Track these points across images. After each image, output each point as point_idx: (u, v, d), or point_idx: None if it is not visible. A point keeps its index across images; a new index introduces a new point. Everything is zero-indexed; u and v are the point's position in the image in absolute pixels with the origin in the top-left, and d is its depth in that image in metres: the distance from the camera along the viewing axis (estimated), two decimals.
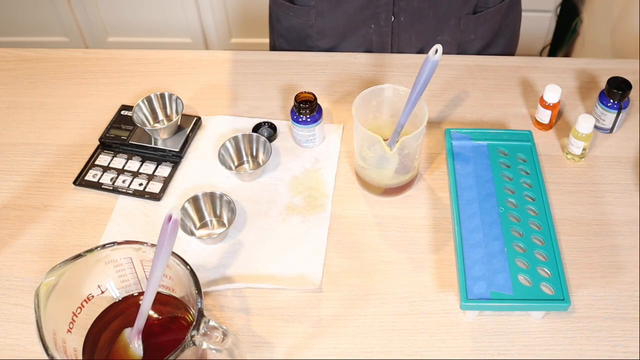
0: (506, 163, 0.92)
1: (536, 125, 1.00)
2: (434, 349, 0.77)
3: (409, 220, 0.89)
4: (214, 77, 1.11)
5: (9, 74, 1.13)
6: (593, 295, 0.81)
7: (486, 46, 1.15)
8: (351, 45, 1.14)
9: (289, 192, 0.93)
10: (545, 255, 0.81)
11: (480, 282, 0.78)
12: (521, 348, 0.76)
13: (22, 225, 0.90)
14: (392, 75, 1.10)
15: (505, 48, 1.19)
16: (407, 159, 0.87)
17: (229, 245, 0.87)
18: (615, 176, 0.94)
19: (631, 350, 0.76)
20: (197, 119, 1.02)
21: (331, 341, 0.78)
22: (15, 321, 0.81)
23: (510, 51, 1.22)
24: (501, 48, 1.18)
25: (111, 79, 1.11)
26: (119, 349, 0.71)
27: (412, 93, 0.81)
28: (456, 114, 1.03)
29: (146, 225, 0.89)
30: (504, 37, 1.16)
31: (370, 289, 0.82)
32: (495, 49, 1.17)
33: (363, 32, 1.12)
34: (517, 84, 1.07)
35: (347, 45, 1.14)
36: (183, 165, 0.97)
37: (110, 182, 0.94)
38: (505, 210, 0.86)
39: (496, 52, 1.17)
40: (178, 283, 0.73)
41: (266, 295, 0.82)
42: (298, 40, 1.17)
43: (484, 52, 1.16)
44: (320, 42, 1.15)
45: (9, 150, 1.01)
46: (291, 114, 0.95)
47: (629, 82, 0.94)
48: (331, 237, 0.87)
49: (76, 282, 0.71)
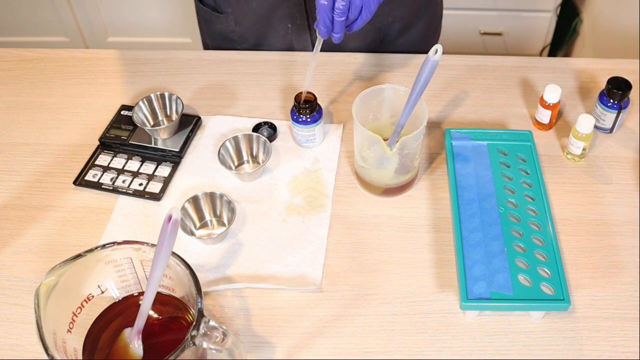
0: (506, 163, 0.92)
1: (536, 125, 1.00)
2: (433, 349, 0.77)
3: (409, 220, 0.89)
4: (214, 77, 1.11)
5: (9, 74, 1.13)
6: (593, 295, 0.81)
7: (407, 27, 1.15)
8: (273, 47, 1.16)
9: (289, 192, 0.93)
10: (545, 255, 0.81)
11: (480, 282, 0.78)
12: (521, 348, 0.76)
13: (22, 225, 0.90)
14: (392, 75, 1.10)
15: (426, 28, 1.18)
16: (407, 159, 0.87)
17: (229, 245, 0.87)
18: (615, 176, 0.94)
19: (631, 350, 0.76)
20: (197, 119, 1.02)
21: (331, 341, 0.78)
22: (15, 321, 0.81)
23: (433, 31, 1.22)
24: (422, 28, 1.17)
25: (111, 79, 1.11)
26: (119, 349, 0.71)
27: (412, 93, 0.81)
28: (456, 114, 1.03)
29: (146, 225, 0.89)
30: (424, 17, 1.16)
31: (370, 289, 0.82)
32: (417, 30, 1.17)
33: (282, 32, 1.13)
34: (517, 84, 1.07)
35: (268, 47, 1.16)
36: (183, 165, 0.97)
37: (110, 182, 0.94)
38: (505, 210, 0.86)
39: (418, 33, 1.17)
40: (178, 283, 0.73)
41: (266, 295, 0.82)
42: (224, 42, 1.19)
43: (405, 33, 1.15)
44: (243, 44, 1.17)
45: (9, 150, 1.01)
46: (291, 114, 0.95)
47: (629, 82, 0.94)
48: (331, 237, 0.87)
49: (76, 282, 0.71)
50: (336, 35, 0.87)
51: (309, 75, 0.91)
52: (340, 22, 0.85)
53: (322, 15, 0.84)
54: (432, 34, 1.23)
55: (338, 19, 0.84)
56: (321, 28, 0.86)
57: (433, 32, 1.23)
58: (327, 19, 0.84)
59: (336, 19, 0.85)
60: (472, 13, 2.10)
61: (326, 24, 0.85)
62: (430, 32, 1.21)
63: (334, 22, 0.85)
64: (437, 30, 1.25)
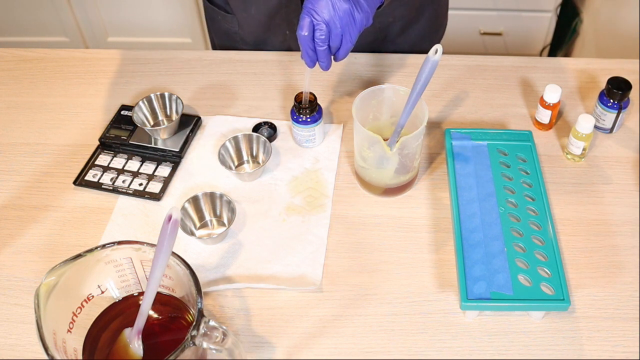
0: (506, 163, 0.92)
1: (536, 125, 1.00)
2: (433, 349, 0.77)
3: (409, 220, 0.89)
4: (214, 77, 1.11)
5: (9, 74, 1.13)
6: (593, 295, 0.81)
7: (407, 26, 1.15)
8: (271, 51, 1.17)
9: (289, 192, 0.93)
10: (545, 255, 0.81)
11: (480, 282, 0.78)
12: (521, 348, 0.76)
13: (22, 225, 0.90)
14: (392, 75, 1.10)
15: (429, 25, 1.18)
16: (407, 159, 0.87)
17: (229, 245, 0.87)
18: (615, 176, 0.94)
19: (631, 350, 0.76)
20: (197, 119, 1.02)
21: (331, 341, 0.78)
22: (15, 321, 0.81)
23: (436, 28, 1.22)
24: (424, 26, 1.17)
25: (111, 79, 1.11)
26: (119, 349, 0.72)
27: (412, 93, 0.81)
28: (456, 114, 1.03)
29: (146, 225, 0.89)
30: (425, 14, 1.16)
31: (370, 289, 0.82)
32: (418, 28, 1.16)
33: (280, 38, 1.13)
34: (517, 84, 1.07)
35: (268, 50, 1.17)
36: (183, 165, 0.97)
37: (110, 182, 0.94)
38: (505, 210, 0.86)
39: (419, 31, 1.16)
40: (178, 283, 0.73)
41: (266, 295, 0.82)
42: (229, 41, 1.19)
43: (407, 31, 1.15)
44: (245, 46, 1.18)
45: (9, 150, 1.01)
46: (291, 114, 0.95)
47: (629, 82, 0.94)
48: (331, 237, 0.87)
49: (76, 282, 0.71)
50: (322, 64, 0.87)
51: (306, 82, 0.91)
52: (322, 51, 0.85)
53: (304, 46, 0.85)
54: (436, 30, 1.22)
55: (320, 48, 0.85)
56: (305, 59, 0.86)
57: (437, 28, 1.22)
58: (309, 49, 0.85)
59: (318, 49, 0.85)
60: (472, 13, 2.10)
61: (309, 54, 0.86)
62: (433, 29, 1.20)
63: (317, 51, 0.86)
64: (442, 26, 1.24)
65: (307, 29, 0.83)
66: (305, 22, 0.83)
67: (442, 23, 1.24)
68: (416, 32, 1.16)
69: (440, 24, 1.23)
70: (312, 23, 0.83)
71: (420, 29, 1.17)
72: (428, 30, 1.19)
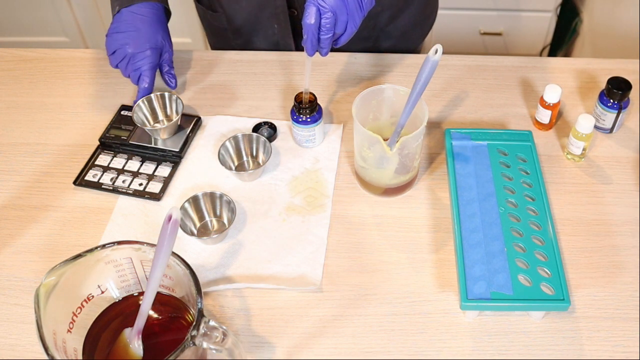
0: (506, 163, 0.92)
1: (536, 125, 1.00)
2: (433, 349, 0.77)
3: (409, 220, 0.89)
4: (214, 77, 1.11)
5: (9, 74, 1.13)
6: (593, 295, 0.81)
7: (397, 13, 1.14)
8: (260, 46, 1.17)
9: (289, 192, 0.93)
10: (545, 255, 0.81)
11: (480, 282, 0.78)
12: (521, 348, 0.76)
13: (22, 225, 0.90)
14: (392, 75, 1.10)
15: (419, 12, 1.18)
16: (407, 159, 0.87)
17: (229, 245, 0.87)
18: (615, 176, 0.94)
19: (631, 350, 0.76)
20: (197, 119, 1.02)
21: (331, 341, 0.78)
22: (15, 321, 0.81)
23: (427, 15, 1.21)
24: (414, 13, 1.17)
25: (111, 79, 1.11)
26: (119, 349, 0.72)
27: (412, 93, 0.81)
28: (456, 114, 1.03)
29: (146, 225, 0.89)
30: (414, 1, 1.15)
31: (370, 289, 0.82)
32: (408, 15, 1.16)
33: (269, 32, 1.14)
34: (517, 84, 1.07)
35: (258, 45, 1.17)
36: (183, 165, 0.97)
37: (110, 182, 0.94)
38: (505, 210, 0.86)
39: (410, 18, 1.16)
40: (178, 283, 0.73)
41: (266, 295, 0.82)
42: (221, 38, 1.20)
43: (396, 20, 1.15)
44: (235, 42, 1.18)
45: (9, 150, 1.01)
46: (291, 114, 0.95)
47: (629, 82, 0.94)
48: (331, 237, 0.87)
49: (76, 282, 0.71)
50: (323, 51, 0.87)
51: (307, 79, 0.91)
52: (326, 39, 0.85)
53: (309, 35, 0.84)
54: (427, 16, 1.21)
55: (325, 36, 0.84)
56: (308, 46, 0.86)
57: (428, 14, 1.22)
58: (314, 38, 0.84)
59: (323, 37, 0.85)
60: (472, 13, 2.10)
61: (313, 43, 0.85)
62: (424, 15, 1.20)
63: (321, 40, 0.85)
64: (432, 12, 1.23)
65: (314, 17, 0.82)
66: (311, 10, 0.82)
67: (433, 9, 1.23)
68: (406, 20, 1.16)
69: (432, 11, 1.23)
70: (319, 11, 0.82)
71: (411, 16, 1.16)
72: (419, 17, 1.18)
